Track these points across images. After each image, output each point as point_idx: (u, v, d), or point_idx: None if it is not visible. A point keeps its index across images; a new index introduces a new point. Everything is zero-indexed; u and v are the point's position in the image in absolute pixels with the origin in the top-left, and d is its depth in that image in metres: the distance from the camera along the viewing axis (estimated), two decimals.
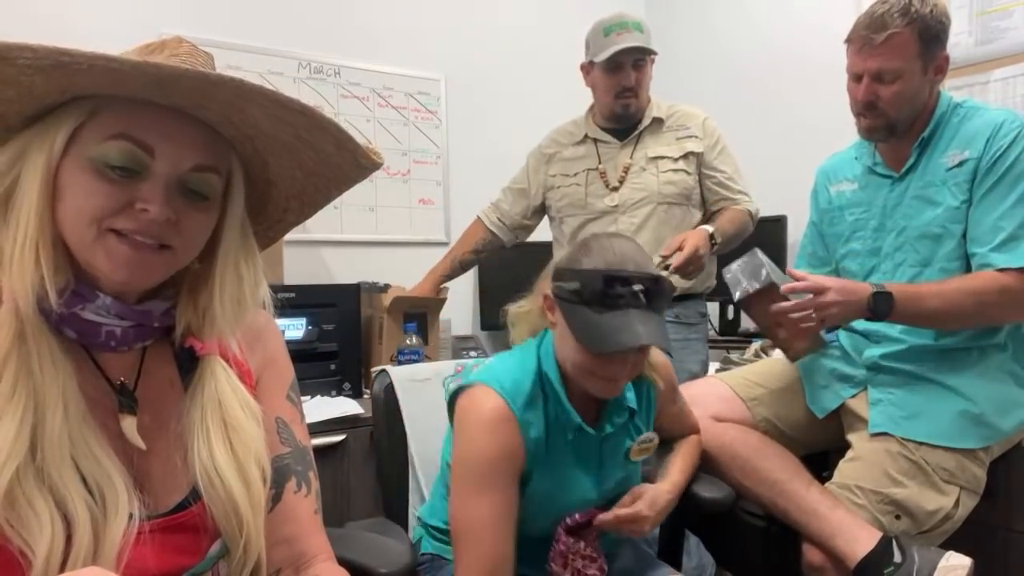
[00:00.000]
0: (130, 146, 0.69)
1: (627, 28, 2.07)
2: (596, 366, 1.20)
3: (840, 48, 1.64)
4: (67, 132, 0.69)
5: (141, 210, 0.69)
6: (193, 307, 0.79)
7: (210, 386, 0.79)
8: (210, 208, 0.75)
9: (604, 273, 1.18)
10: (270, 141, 0.76)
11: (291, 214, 0.88)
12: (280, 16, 2.64)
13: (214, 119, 0.73)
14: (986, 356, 1.56)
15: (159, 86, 0.66)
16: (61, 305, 0.69)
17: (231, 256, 0.78)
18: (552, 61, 3.06)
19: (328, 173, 0.81)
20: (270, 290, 0.83)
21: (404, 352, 2.27)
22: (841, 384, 1.69)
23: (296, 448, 0.89)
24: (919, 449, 1.50)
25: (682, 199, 2.13)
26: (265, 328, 0.92)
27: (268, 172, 0.81)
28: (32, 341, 0.68)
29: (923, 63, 1.55)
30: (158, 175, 0.70)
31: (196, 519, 0.76)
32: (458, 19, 3.02)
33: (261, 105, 0.69)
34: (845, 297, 1.49)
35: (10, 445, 0.64)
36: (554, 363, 1.27)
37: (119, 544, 0.67)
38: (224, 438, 0.77)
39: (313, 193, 0.85)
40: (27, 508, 0.63)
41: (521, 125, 2.70)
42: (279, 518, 0.84)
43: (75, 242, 0.70)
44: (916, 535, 1.48)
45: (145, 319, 0.76)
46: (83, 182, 0.68)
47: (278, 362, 0.92)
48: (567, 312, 1.22)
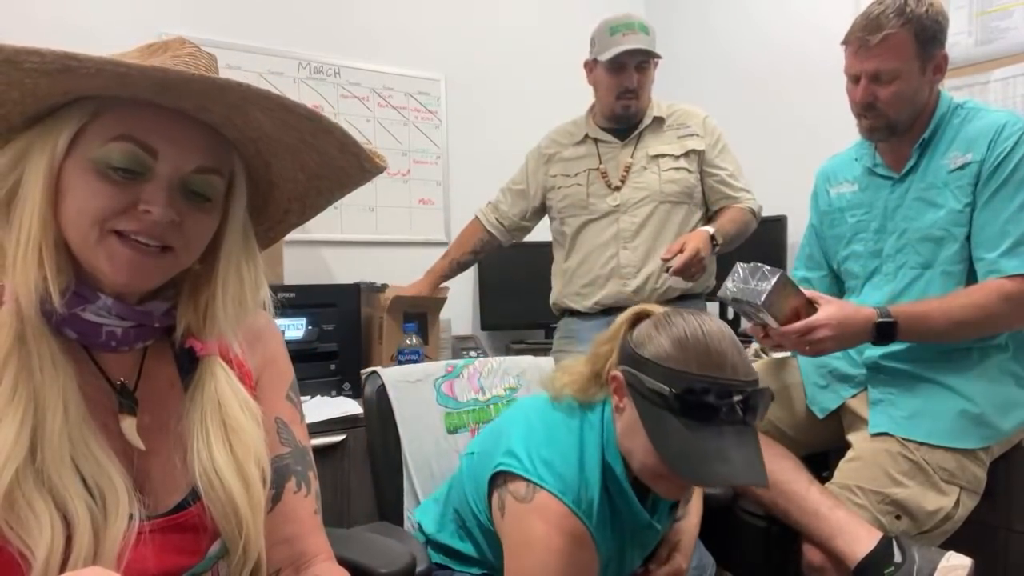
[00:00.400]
0: (133, 148, 0.69)
1: (633, 29, 2.07)
2: (672, 475, 1.05)
3: (840, 48, 1.64)
4: (70, 133, 0.69)
5: (144, 212, 0.69)
6: (194, 308, 0.79)
7: (210, 387, 0.79)
8: (212, 210, 0.75)
9: (700, 381, 1.01)
10: (273, 144, 0.76)
11: (292, 215, 0.88)
12: (280, 16, 2.64)
13: (217, 121, 0.72)
14: (986, 356, 1.56)
15: (164, 89, 0.66)
16: (63, 306, 0.69)
17: (233, 257, 0.78)
18: (552, 61, 3.06)
19: (331, 176, 0.81)
20: (270, 291, 0.83)
21: (404, 352, 2.27)
22: (841, 384, 1.69)
23: (296, 448, 0.89)
24: (919, 449, 1.50)
25: (684, 198, 2.13)
26: (265, 329, 0.92)
27: (270, 174, 0.81)
28: (33, 342, 0.68)
29: (921, 63, 1.55)
30: (161, 177, 0.70)
31: (195, 519, 0.76)
32: (458, 19, 3.02)
33: (266, 109, 0.70)
34: (840, 332, 1.47)
35: (10, 447, 0.64)
36: (618, 454, 1.13)
37: (119, 545, 0.67)
38: (224, 438, 0.77)
39: (315, 196, 0.85)
40: (27, 509, 0.63)
41: (521, 125, 2.70)
42: (279, 518, 0.84)
43: (77, 243, 0.70)
44: (916, 535, 1.48)
45: (146, 320, 0.76)
46: (86, 183, 0.68)
47: (278, 362, 0.92)
48: (646, 414, 1.05)
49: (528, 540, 1.07)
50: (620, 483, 1.12)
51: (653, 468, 1.07)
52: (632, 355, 1.09)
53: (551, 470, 1.10)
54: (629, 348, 1.10)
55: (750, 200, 2.16)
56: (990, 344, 1.56)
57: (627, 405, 1.10)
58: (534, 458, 1.11)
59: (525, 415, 1.22)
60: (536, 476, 1.09)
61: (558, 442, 1.14)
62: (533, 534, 1.06)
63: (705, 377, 1.01)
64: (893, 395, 1.58)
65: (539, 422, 1.18)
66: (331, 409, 2.04)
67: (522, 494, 1.10)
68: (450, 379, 1.60)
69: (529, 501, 1.09)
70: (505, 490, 1.12)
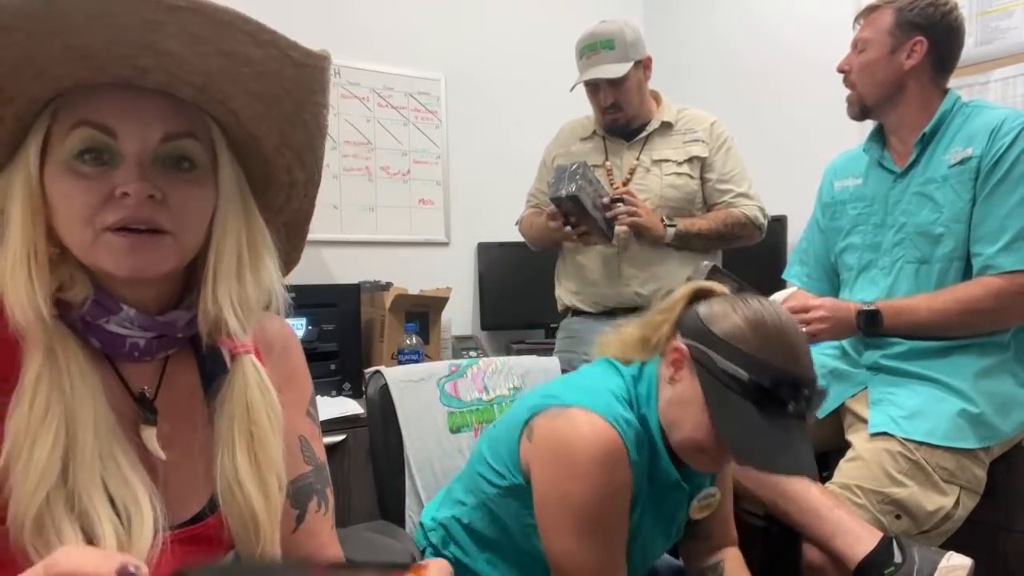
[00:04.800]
0: (89, 131, 0.68)
1: (596, 50, 2.06)
2: (717, 453, 1.06)
3: (841, 48, 1.66)
4: (38, 143, 0.69)
5: (122, 195, 0.67)
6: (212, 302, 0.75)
7: (240, 390, 0.77)
8: (201, 179, 0.72)
9: (781, 374, 1.01)
10: (213, 79, 0.70)
11: (295, 170, 0.81)
12: (280, 16, 2.61)
13: (164, 80, 0.69)
14: (987, 356, 1.56)
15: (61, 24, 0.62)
16: (86, 315, 0.69)
17: (230, 229, 0.75)
18: (552, 60, 3.04)
19: (273, 87, 0.73)
20: (284, 289, 0.80)
21: (404, 352, 2.27)
22: (841, 384, 1.69)
23: (316, 466, 0.88)
24: (919, 449, 1.50)
25: (685, 203, 2.13)
26: (281, 335, 0.89)
27: (243, 126, 0.76)
28: (62, 356, 0.67)
29: (893, 41, 1.61)
30: (129, 156, 0.68)
31: (211, 530, 0.75)
32: (458, 19, 3.02)
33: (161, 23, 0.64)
34: (833, 315, 1.58)
35: (42, 470, 0.63)
36: (655, 416, 1.12)
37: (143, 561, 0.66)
38: (248, 448, 0.76)
39: (288, 127, 0.77)
40: (55, 534, 0.63)
41: (521, 125, 2.71)
42: (302, 536, 0.84)
43: (78, 250, 0.69)
44: (916, 535, 1.48)
45: (168, 330, 0.75)
46: (63, 186, 0.68)
47: (298, 376, 0.90)
48: (713, 393, 1.04)
49: (561, 449, 1.04)
50: (653, 437, 1.11)
51: (700, 443, 1.06)
52: (702, 330, 1.07)
53: (588, 396, 1.08)
54: (698, 323, 1.08)
55: (747, 206, 2.13)
56: (991, 343, 1.56)
57: (685, 379, 1.08)
58: (569, 392, 1.10)
59: (552, 382, 1.22)
60: (572, 400, 1.07)
61: (594, 382, 1.13)
62: (568, 443, 1.03)
63: (786, 371, 1.01)
64: (893, 395, 1.58)
65: (568, 377, 1.17)
66: (331, 409, 2.04)
67: (553, 414, 1.07)
68: (454, 379, 1.60)
69: (561, 417, 1.06)
70: (532, 424, 1.09)
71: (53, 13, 0.61)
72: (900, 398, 1.57)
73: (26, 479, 0.63)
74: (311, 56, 0.73)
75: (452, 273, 2.90)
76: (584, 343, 2.17)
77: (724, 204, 2.14)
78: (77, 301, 0.69)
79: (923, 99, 1.63)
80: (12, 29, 0.61)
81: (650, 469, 1.13)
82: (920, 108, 1.64)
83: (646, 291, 2.11)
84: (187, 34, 0.65)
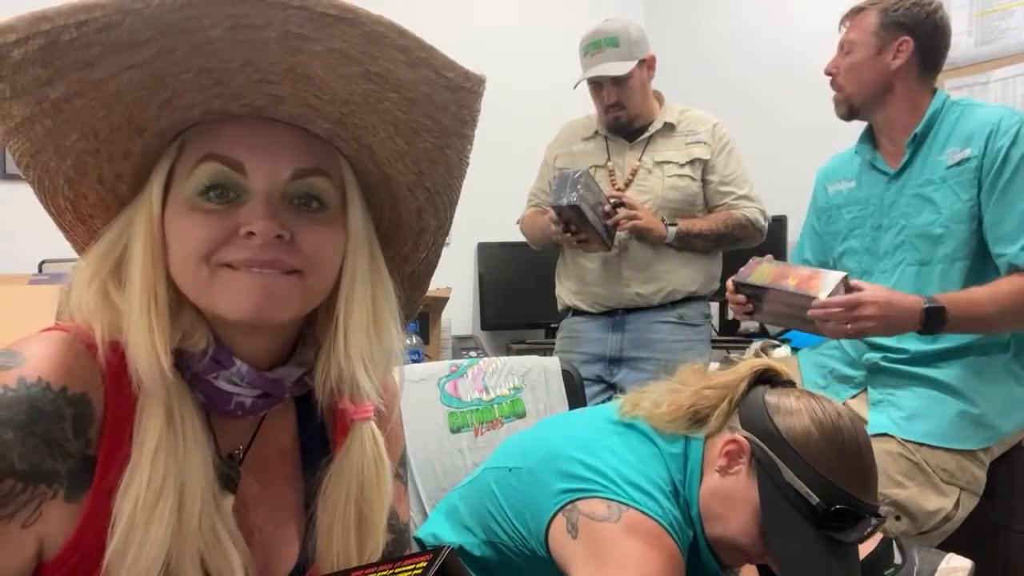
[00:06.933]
0: (216, 165, 0.62)
1: (600, 47, 2.06)
2: (758, 558, 1.00)
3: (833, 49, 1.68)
4: (161, 179, 0.64)
5: (247, 234, 0.61)
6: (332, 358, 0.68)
7: (356, 463, 0.70)
8: (330, 219, 0.66)
9: (856, 504, 0.94)
10: (354, 108, 0.63)
11: (426, 214, 0.73)
12: None
13: (297, 113, 0.63)
14: (987, 356, 1.56)
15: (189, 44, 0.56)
16: (199, 368, 0.64)
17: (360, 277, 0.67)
18: (550, 62, 3.05)
19: (420, 116, 0.64)
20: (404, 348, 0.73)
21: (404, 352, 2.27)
22: (841, 384, 1.69)
23: (399, 534, 0.82)
24: (919, 450, 1.50)
25: (686, 205, 2.13)
26: (392, 395, 0.79)
27: (378, 164, 0.68)
28: (178, 419, 0.62)
29: (879, 41, 1.61)
30: (256, 192, 0.62)
31: None
32: (457, 19, 3.02)
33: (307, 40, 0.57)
34: (886, 312, 1.43)
35: (153, 557, 0.59)
36: (697, 502, 1.03)
37: None
38: (358, 529, 0.71)
39: (428, 165, 0.69)
40: None
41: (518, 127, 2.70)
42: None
43: (193, 292, 0.63)
44: (916, 536, 1.48)
45: (276, 389, 0.67)
46: (183, 223, 0.62)
47: (395, 436, 0.81)
48: (773, 509, 0.95)
49: (614, 560, 0.93)
50: (695, 527, 1.04)
51: (742, 547, 0.99)
52: (767, 429, 0.98)
53: (639, 490, 0.98)
54: (764, 416, 0.99)
55: (748, 208, 2.13)
56: (991, 344, 1.56)
57: (740, 476, 0.98)
58: (614, 477, 0.99)
59: (583, 433, 1.10)
60: (623, 495, 0.97)
61: (643, 464, 1.02)
62: (623, 551, 0.93)
63: (859, 502, 0.94)
64: (893, 396, 1.58)
65: (611, 441, 1.05)
66: None
67: (603, 514, 0.96)
68: (454, 379, 1.60)
69: (615, 521, 0.95)
70: (576, 512, 0.98)
71: (186, 25, 0.54)
72: (900, 399, 1.57)
73: (136, 565, 0.59)
74: (469, 78, 0.65)
75: (452, 273, 2.89)
76: (584, 344, 2.17)
77: (725, 206, 2.14)
78: (197, 353, 0.63)
79: (912, 99, 1.63)
80: (142, 44, 0.55)
81: (689, 557, 1.04)
82: (909, 108, 1.64)
83: (646, 291, 2.11)
84: (334, 53, 0.58)
